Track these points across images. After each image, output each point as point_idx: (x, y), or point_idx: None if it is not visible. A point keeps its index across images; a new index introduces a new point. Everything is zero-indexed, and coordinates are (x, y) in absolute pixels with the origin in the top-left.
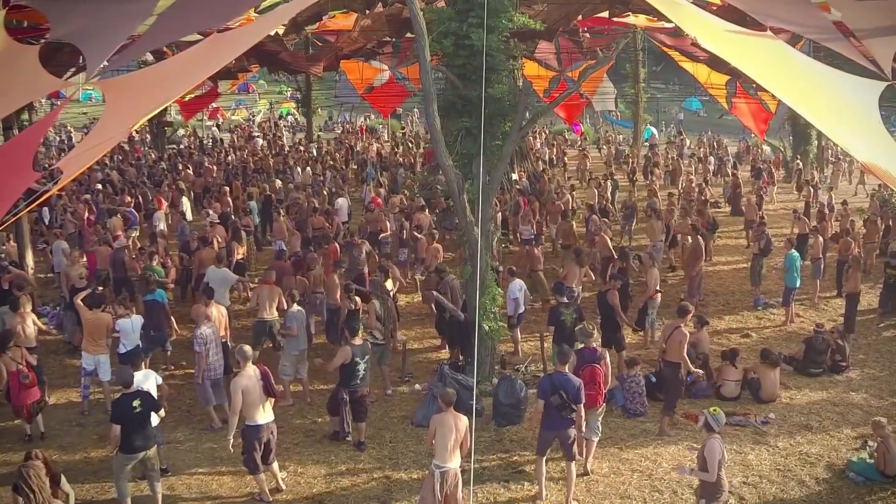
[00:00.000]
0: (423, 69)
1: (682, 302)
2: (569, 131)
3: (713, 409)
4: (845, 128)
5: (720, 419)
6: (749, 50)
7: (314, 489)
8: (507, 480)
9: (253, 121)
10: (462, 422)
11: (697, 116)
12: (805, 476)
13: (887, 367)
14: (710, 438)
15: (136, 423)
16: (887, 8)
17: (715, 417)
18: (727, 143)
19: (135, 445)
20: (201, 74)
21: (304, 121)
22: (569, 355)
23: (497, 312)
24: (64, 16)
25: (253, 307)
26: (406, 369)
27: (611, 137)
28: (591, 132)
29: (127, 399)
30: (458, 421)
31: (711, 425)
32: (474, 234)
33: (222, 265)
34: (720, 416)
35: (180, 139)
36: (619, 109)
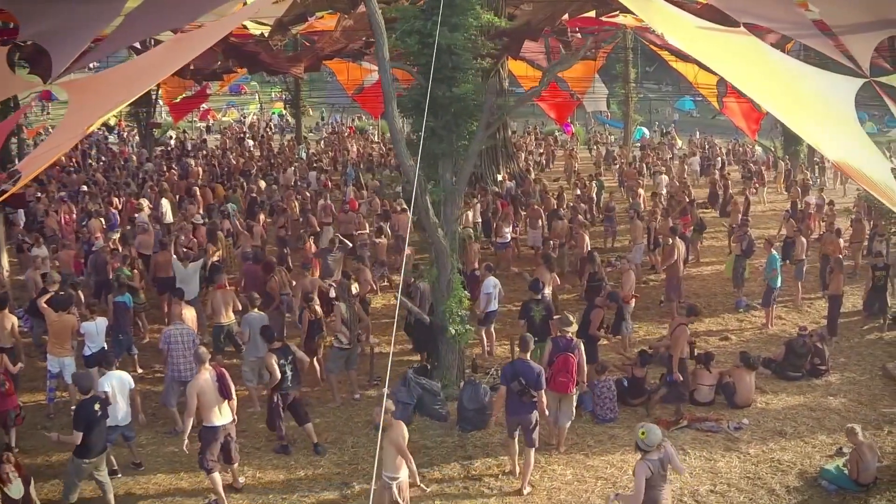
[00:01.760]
0: (381, 68)
1: (687, 304)
2: (559, 132)
3: (641, 432)
4: (818, 126)
5: (651, 440)
6: (719, 46)
7: (270, 495)
8: (466, 487)
9: (244, 122)
10: (405, 431)
11: (691, 117)
12: (775, 484)
13: (868, 370)
14: (639, 460)
15: (98, 427)
16: (866, 4)
17: (644, 441)
18: (719, 144)
19: (94, 450)
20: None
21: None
22: (529, 343)
23: (464, 315)
24: (33, 16)
25: (209, 313)
26: (374, 373)
27: (600, 138)
28: (582, 133)
29: (88, 405)
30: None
31: (640, 447)
32: (438, 235)
33: (188, 263)
34: (649, 436)
35: (168, 140)
36: (610, 110)
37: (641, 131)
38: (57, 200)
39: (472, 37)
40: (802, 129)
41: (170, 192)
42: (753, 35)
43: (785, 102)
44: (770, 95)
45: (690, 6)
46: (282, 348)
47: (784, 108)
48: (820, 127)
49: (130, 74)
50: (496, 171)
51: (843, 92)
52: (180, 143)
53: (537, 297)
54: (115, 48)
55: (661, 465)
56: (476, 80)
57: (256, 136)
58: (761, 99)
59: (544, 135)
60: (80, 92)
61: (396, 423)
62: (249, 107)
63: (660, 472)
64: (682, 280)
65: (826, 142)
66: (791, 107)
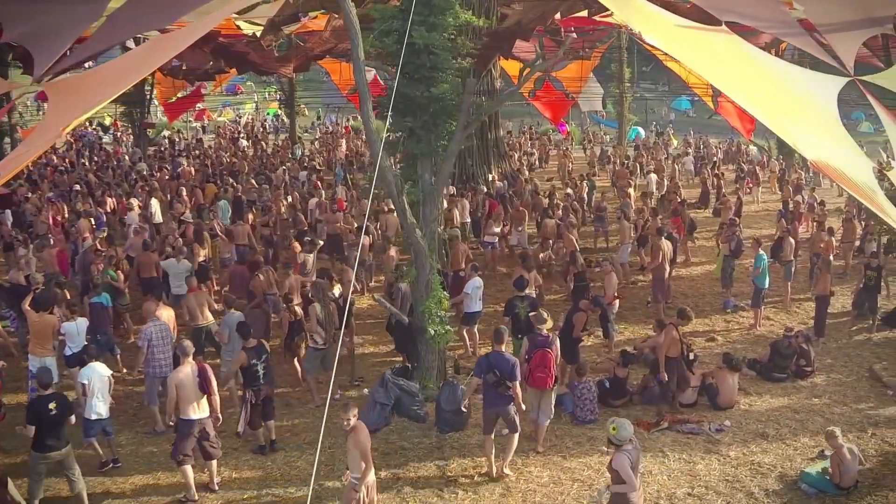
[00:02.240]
0: (356, 68)
1: (678, 308)
2: (554, 132)
3: (613, 427)
4: (797, 125)
5: (622, 435)
6: (698, 45)
7: (245, 495)
8: (440, 489)
9: (239, 122)
10: (367, 432)
11: (687, 116)
12: (754, 487)
13: (854, 372)
14: (617, 452)
15: (51, 424)
16: (851, 3)
17: (616, 436)
18: (714, 144)
19: (47, 445)
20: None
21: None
22: (503, 335)
23: (443, 316)
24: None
25: (186, 318)
26: (356, 373)
27: (594, 137)
28: (577, 132)
29: (44, 401)
30: (365, 432)
31: (612, 441)
32: (416, 236)
33: (181, 259)
34: (620, 431)
35: (161, 140)
36: (606, 110)
37: (636, 131)
38: (46, 200)
39: (452, 36)
40: (780, 129)
41: (160, 192)
42: (735, 34)
43: (764, 101)
44: (748, 94)
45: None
46: (256, 347)
47: (762, 107)
48: (800, 126)
49: (109, 75)
50: (488, 170)
51: (826, 91)
52: (170, 142)
53: (522, 294)
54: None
55: (636, 458)
56: (455, 80)
57: (251, 135)
58: (738, 97)
59: (539, 134)
60: (59, 93)
61: (361, 427)
62: (245, 107)
63: (636, 466)
64: (670, 281)
65: (804, 141)
66: (770, 106)
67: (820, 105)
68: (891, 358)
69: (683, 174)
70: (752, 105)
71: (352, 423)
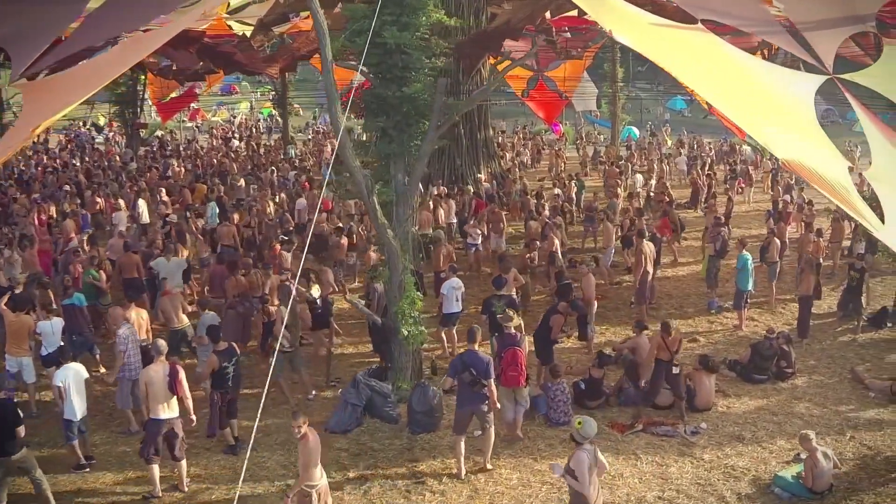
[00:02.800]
0: (324, 69)
1: (662, 322)
2: (547, 131)
3: (578, 422)
4: (772, 124)
5: (586, 431)
6: (672, 44)
7: (213, 495)
8: (408, 491)
9: (233, 122)
10: (317, 441)
11: (682, 116)
12: (726, 491)
13: (837, 373)
14: (577, 449)
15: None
16: (831, 1)
17: (579, 431)
18: (708, 143)
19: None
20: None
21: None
22: (477, 333)
23: (417, 317)
24: None
25: (161, 321)
26: (332, 374)
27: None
28: (571, 132)
29: None
30: (314, 441)
31: (575, 437)
32: (388, 236)
33: (171, 257)
34: (585, 427)
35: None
36: (600, 109)
37: (629, 130)
38: (32, 201)
39: (426, 35)
40: (752, 128)
41: (147, 192)
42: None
43: (736, 100)
44: (720, 93)
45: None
46: (227, 350)
47: (734, 106)
48: (774, 126)
49: (82, 76)
50: (477, 170)
51: (803, 89)
52: (160, 143)
53: (499, 292)
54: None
55: (595, 459)
56: (429, 79)
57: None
58: (710, 96)
59: (532, 134)
60: (32, 93)
61: (311, 435)
62: (239, 107)
63: (593, 467)
64: (654, 282)
65: (777, 140)
66: (742, 104)
67: (796, 104)
68: (874, 359)
69: (676, 174)
70: (724, 104)
71: (302, 431)
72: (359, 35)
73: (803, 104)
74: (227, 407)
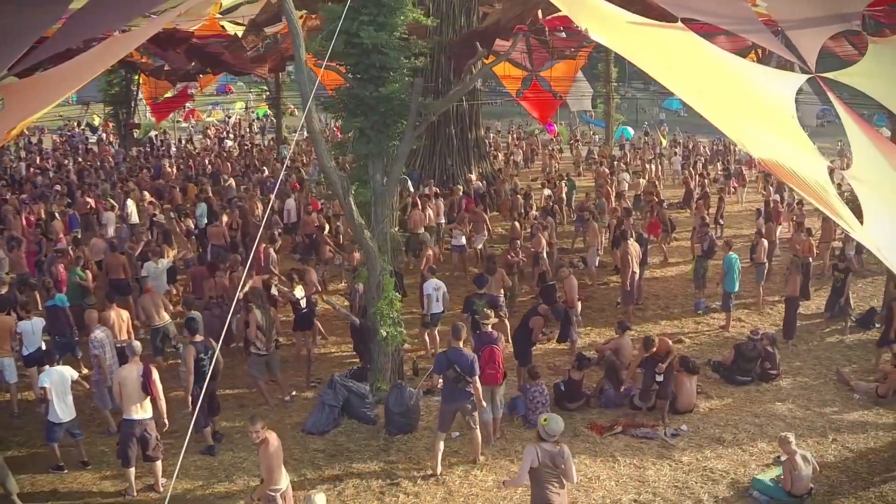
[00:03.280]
0: (298, 69)
1: (649, 337)
2: (542, 131)
3: (543, 419)
4: (750, 124)
5: (551, 428)
6: (649, 42)
7: (188, 496)
8: (382, 492)
9: (228, 122)
10: (277, 445)
11: (678, 116)
12: (703, 494)
13: (822, 374)
14: (528, 444)
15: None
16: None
17: (544, 428)
18: (703, 143)
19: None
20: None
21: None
22: (461, 331)
23: (396, 317)
24: None
25: (143, 319)
26: (314, 375)
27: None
28: (566, 132)
29: None
30: (274, 446)
31: (540, 434)
32: (365, 237)
33: (158, 260)
34: (550, 424)
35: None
36: (595, 109)
37: (622, 130)
38: (20, 202)
39: (404, 35)
40: (728, 127)
41: (136, 192)
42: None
43: (713, 99)
44: (696, 92)
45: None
46: (203, 342)
47: (711, 106)
48: (752, 125)
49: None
50: (468, 170)
51: (784, 88)
52: (150, 143)
53: (481, 291)
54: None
55: (552, 459)
56: (407, 79)
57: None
58: (686, 96)
59: (527, 134)
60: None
61: (271, 439)
62: (235, 107)
63: (550, 467)
64: (641, 282)
65: (753, 139)
66: (719, 104)
67: (776, 103)
68: (861, 360)
69: (670, 174)
70: (700, 103)
71: (261, 436)
72: (336, 35)
73: (783, 103)
74: (209, 403)
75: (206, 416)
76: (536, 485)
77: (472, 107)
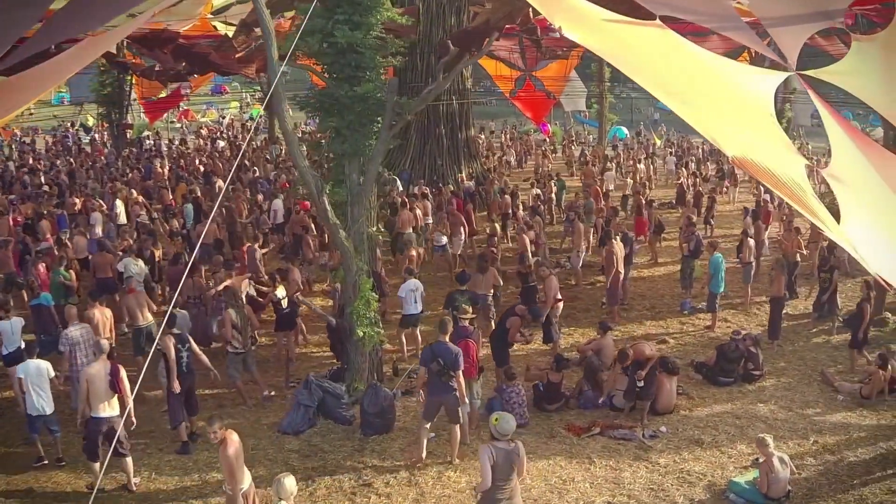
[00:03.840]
0: (270, 68)
1: (623, 350)
2: (536, 131)
3: (495, 419)
4: (727, 123)
5: (501, 427)
6: (624, 40)
7: (160, 496)
8: (353, 493)
9: (221, 122)
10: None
11: (673, 116)
12: (679, 497)
13: (807, 375)
14: (482, 444)
15: None
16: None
17: (496, 427)
18: (697, 143)
19: None
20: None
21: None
22: (448, 325)
23: (373, 317)
24: None
25: (126, 319)
26: (294, 375)
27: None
28: (559, 132)
29: None
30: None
31: (492, 433)
32: (340, 237)
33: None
34: (501, 423)
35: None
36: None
37: (616, 130)
38: (9, 202)
39: (381, 33)
40: (701, 124)
41: (125, 192)
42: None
43: (687, 96)
44: (670, 90)
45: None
46: (180, 335)
47: (684, 102)
48: (729, 124)
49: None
50: (458, 170)
51: (762, 86)
52: (140, 143)
53: (463, 287)
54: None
55: (507, 457)
56: (381, 78)
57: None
58: (658, 93)
59: (521, 134)
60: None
61: (230, 440)
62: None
63: (505, 466)
64: (626, 282)
65: (727, 137)
66: (694, 100)
67: (754, 100)
68: (847, 361)
69: (664, 174)
70: (673, 100)
71: (218, 437)
72: (310, 35)
73: (762, 101)
74: (186, 400)
75: (182, 412)
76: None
77: (463, 107)
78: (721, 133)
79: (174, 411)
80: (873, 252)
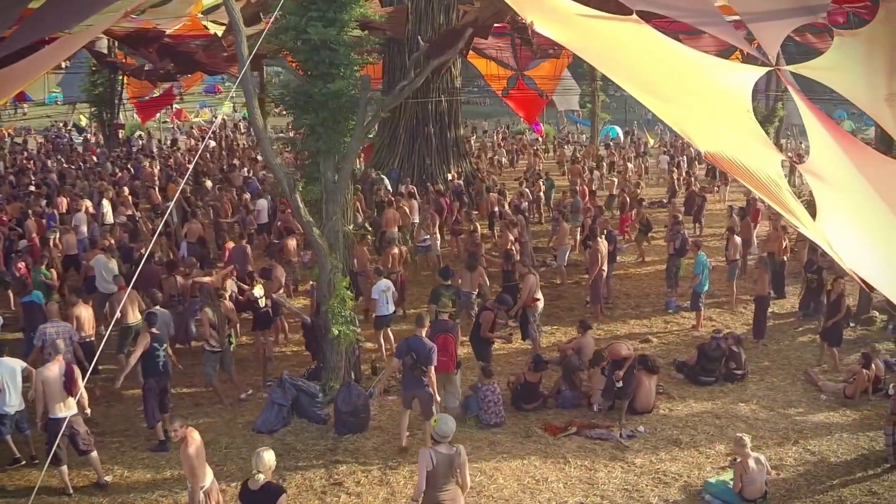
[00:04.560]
0: (240, 65)
1: (599, 351)
2: (529, 131)
3: (434, 420)
4: (702, 118)
5: (440, 429)
6: (597, 35)
7: (131, 494)
8: (324, 492)
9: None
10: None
11: None
12: (654, 497)
13: (791, 374)
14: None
15: None
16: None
17: (434, 429)
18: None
19: None
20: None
21: None
22: (424, 320)
23: (349, 316)
24: None
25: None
26: (271, 374)
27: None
28: (552, 132)
29: None
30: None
31: (433, 436)
32: (314, 235)
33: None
34: (440, 425)
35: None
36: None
37: (609, 129)
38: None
39: (357, 30)
40: (675, 120)
41: (111, 192)
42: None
43: (660, 91)
44: (641, 84)
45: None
46: (159, 335)
47: (656, 97)
48: (705, 119)
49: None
50: (447, 170)
51: (740, 81)
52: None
53: (447, 282)
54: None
55: (448, 461)
56: (356, 75)
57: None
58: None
59: (513, 134)
60: None
61: (190, 438)
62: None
63: (445, 470)
64: (610, 280)
65: (699, 132)
66: (667, 95)
67: (730, 95)
68: (832, 361)
69: (657, 173)
70: (645, 95)
71: (179, 435)
72: (284, 32)
73: (738, 96)
74: (160, 398)
75: (158, 411)
76: (429, 487)
77: (452, 105)
78: (694, 128)
79: (151, 410)
80: (848, 249)
